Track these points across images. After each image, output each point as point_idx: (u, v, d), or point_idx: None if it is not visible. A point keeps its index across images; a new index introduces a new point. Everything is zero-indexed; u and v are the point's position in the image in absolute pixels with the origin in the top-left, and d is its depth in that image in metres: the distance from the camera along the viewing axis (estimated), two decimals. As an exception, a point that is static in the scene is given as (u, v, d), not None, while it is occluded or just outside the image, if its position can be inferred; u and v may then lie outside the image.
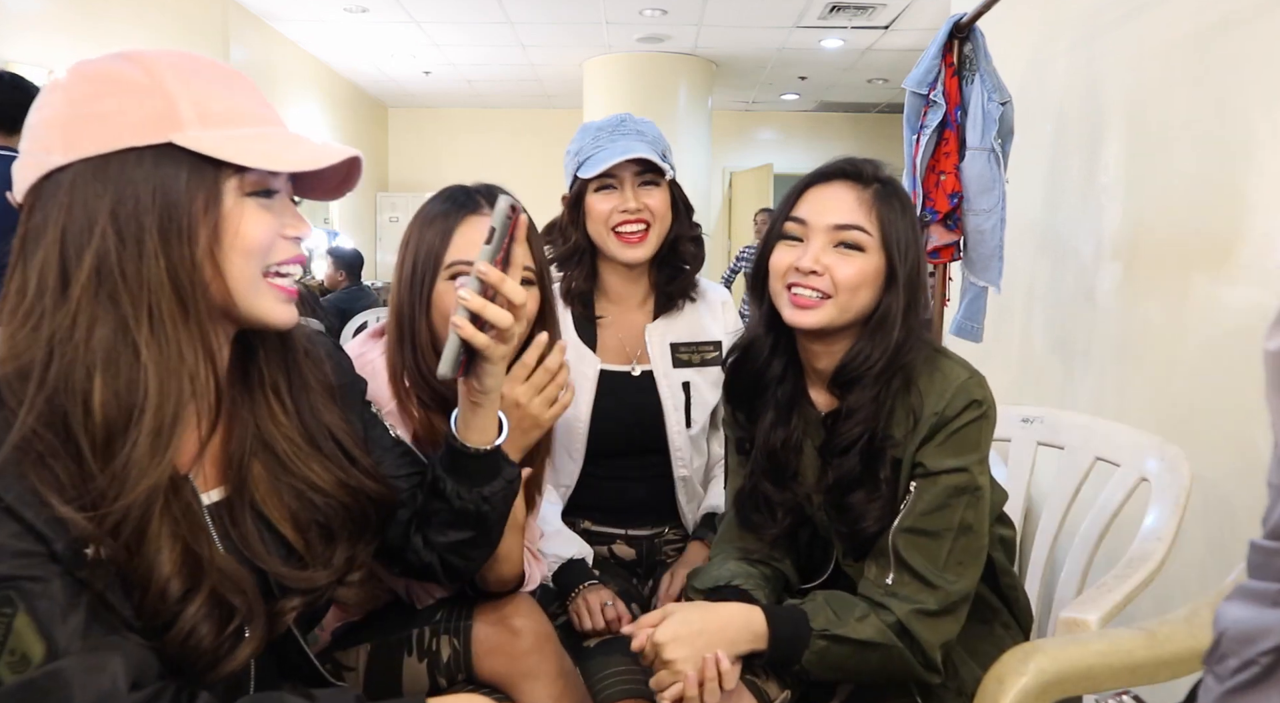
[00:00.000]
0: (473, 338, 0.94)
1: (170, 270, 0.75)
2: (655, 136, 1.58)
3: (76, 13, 4.22)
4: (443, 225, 1.24)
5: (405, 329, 1.24)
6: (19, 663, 0.68)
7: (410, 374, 1.24)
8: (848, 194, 1.17)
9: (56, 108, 0.77)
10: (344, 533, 0.94)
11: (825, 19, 6.06)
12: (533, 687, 1.17)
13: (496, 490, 1.04)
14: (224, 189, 0.77)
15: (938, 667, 1.12)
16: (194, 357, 0.77)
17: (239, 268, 0.79)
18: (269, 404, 0.90)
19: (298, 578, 0.89)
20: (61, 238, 0.74)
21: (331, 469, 0.93)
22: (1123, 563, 1.23)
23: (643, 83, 7.19)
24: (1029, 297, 2.60)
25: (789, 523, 1.27)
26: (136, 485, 0.73)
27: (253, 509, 0.88)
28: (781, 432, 1.24)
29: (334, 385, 0.98)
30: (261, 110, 0.82)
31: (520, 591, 1.27)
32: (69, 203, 0.74)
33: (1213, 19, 1.83)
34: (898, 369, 1.16)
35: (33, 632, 0.68)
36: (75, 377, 0.72)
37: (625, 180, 1.55)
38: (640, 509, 1.66)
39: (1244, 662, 0.56)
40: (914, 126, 2.27)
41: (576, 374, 1.58)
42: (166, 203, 0.75)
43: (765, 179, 8.53)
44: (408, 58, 7.40)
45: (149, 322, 0.75)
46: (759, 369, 1.26)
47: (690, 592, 1.29)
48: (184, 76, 0.78)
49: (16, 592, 0.68)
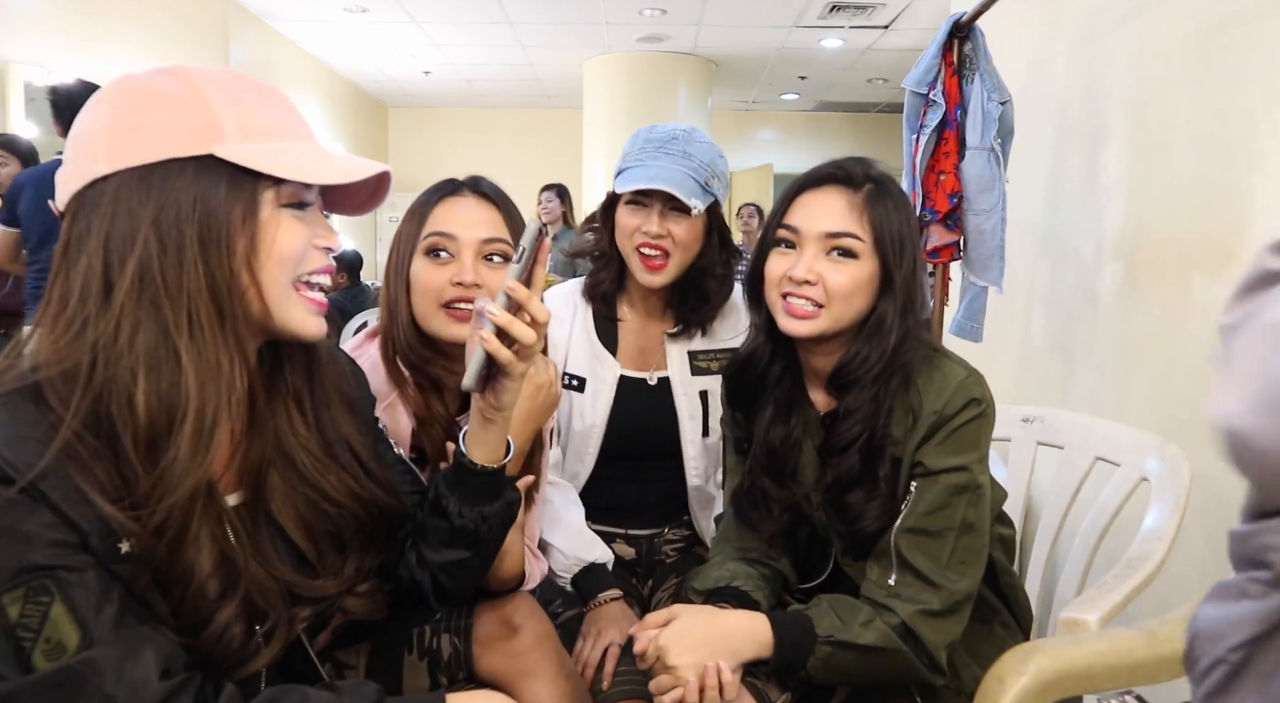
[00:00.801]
0: (497, 352, 0.95)
1: (209, 278, 0.78)
2: (704, 161, 1.49)
3: (76, 13, 4.22)
4: (421, 211, 1.28)
5: (392, 310, 1.27)
6: (54, 650, 0.70)
7: (401, 355, 1.27)
8: (839, 200, 1.17)
9: (102, 119, 0.79)
10: (355, 544, 0.96)
11: (825, 19, 6.06)
12: (533, 685, 1.17)
13: (496, 511, 1.05)
14: (261, 200, 0.80)
15: (942, 668, 1.12)
16: (229, 363, 0.80)
17: (272, 276, 0.82)
18: (290, 413, 0.92)
19: (309, 586, 0.90)
20: (105, 245, 0.76)
21: (346, 480, 0.95)
22: (1123, 563, 1.23)
23: (642, 83, 7.19)
24: (1029, 297, 2.60)
25: (786, 520, 1.27)
26: (180, 486, 0.75)
27: (267, 517, 0.90)
28: (780, 430, 1.24)
29: (353, 397, 1.01)
30: (297, 126, 0.86)
31: (520, 589, 1.27)
32: (112, 211, 0.76)
33: (1213, 19, 1.83)
34: (896, 369, 1.16)
35: (69, 620, 0.70)
36: (120, 380, 0.74)
37: (655, 203, 1.48)
38: (645, 511, 1.65)
39: (1214, 661, 0.55)
40: (914, 126, 2.27)
41: (594, 379, 1.58)
42: (206, 212, 0.78)
43: (765, 179, 8.53)
44: (408, 58, 7.40)
45: (189, 327, 0.77)
46: (759, 373, 1.27)
47: (690, 593, 1.29)
48: (225, 92, 0.81)
49: (53, 581, 0.70)
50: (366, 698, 0.81)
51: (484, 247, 1.25)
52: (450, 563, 1.05)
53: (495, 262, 1.26)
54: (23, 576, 0.69)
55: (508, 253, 1.26)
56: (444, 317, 1.24)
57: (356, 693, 0.81)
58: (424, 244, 1.26)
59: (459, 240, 1.25)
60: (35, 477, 0.70)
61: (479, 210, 1.28)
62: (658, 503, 1.65)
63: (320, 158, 0.84)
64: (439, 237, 1.25)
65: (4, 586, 0.69)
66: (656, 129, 1.53)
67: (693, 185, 1.46)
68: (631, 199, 1.51)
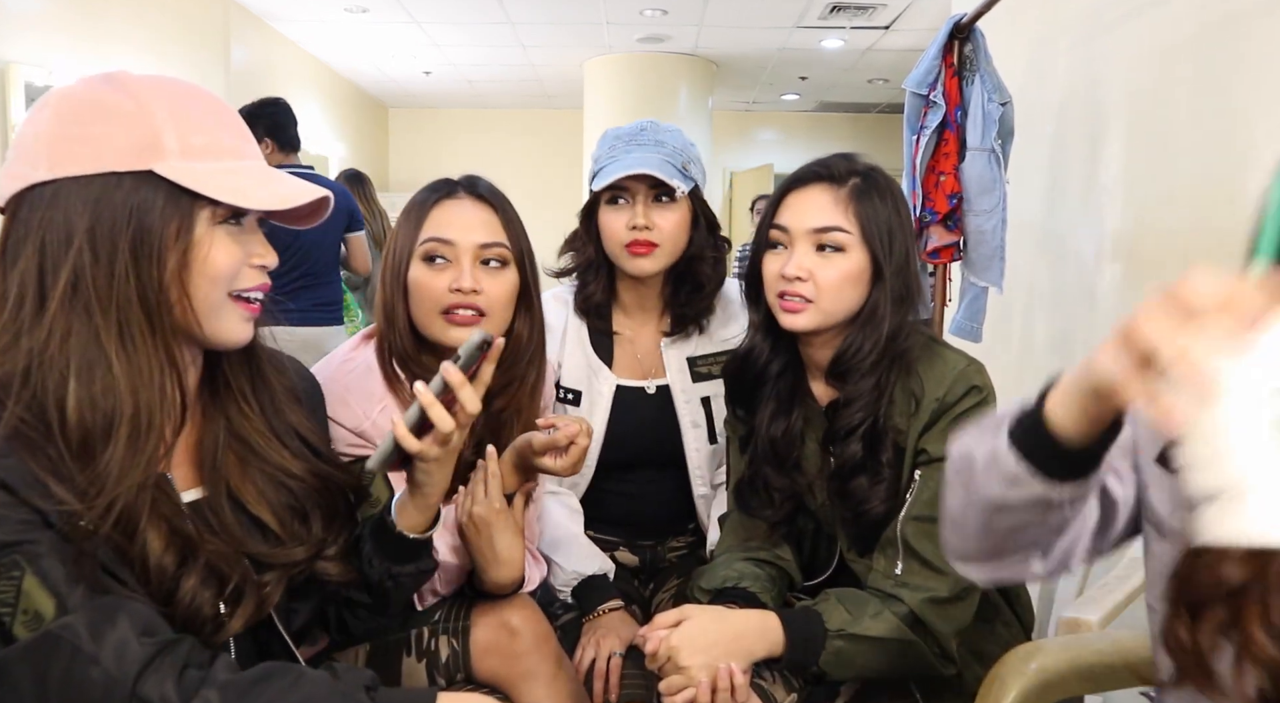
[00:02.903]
0: (403, 439, 0.96)
1: (139, 289, 0.80)
2: (677, 147, 1.48)
3: (76, 13, 4.22)
4: (418, 212, 1.27)
5: (389, 314, 1.27)
6: (33, 620, 0.73)
7: (397, 359, 1.27)
8: (823, 196, 1.19)
9: (46, 126, 0.81)
10: (317, 512, 0.97)
11: (826, 19, 6.05)
12: (531, 687, 1.17)
13: (407, 573, 1.05)
14: (197, 218, 0.82)
15: (954, 657, 1.12)
16: (159, 370, 0.81)
17: (204, 292, 0.83)
18: (238, 405, 0.94)
19: (276, 555, 0.92)
20: (40, 250, 0.79)
21: (301, 457, 0.97)
22: (1124, 563, 1.23)
23: (643, 83, 7.19)
24: (1029, 297, 2.60)
25: (788, 509, 1.28)
26: (120, 483, 0.77)
27: (230, 499, 0.92)
28: (782, 423, 1.26)
29: (297, 389, 1.03)
30: (241, 144, 0.87)
31: (520, 592, 1.27)
32: (49, 218, 0.79)
33: (1213, 19, 1.83)
34: (895, 357, 1.18)
35: (42, 591, 0.73)
36: (50, 384, 0.77)
37: (637, 195, 1.47)
38: (648, 524, 1.63)
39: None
40: (914, 127, 2.27)
41: (590, 391, 1.56)
42: (141, 227, 0.79)
43: (766, 179, 8.52)
44: (408, 58, 7.39)
45: (119, 335, 0.79)
46: (760, 369, 1.28)
47: (696, 592, 1.29)
48: (171, 107, 0.82)
49: (22, 555, 0.73)
50: (361, 680, 0.81)
51: (482, 251, 1.25)
52: (353, 602, 1.07)
53: (493, 266, 1.26)
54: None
55: (506, 257, 1.26)
56: (443, 323, 1.24)
57: (351, 675, 0.81)
58: (421, 250, 1.25)
59: (457, 246, 1.24)
60: None
61: (476, 213, 1.27)
62: (661, 515, 1.63)
63: (260, 181, 0.85)
64: (436, 243, 1.24)
65: None
66: (623, 127, 1.52)
67: (671, 170, 1.45)
68: (612, 197, 1.49)
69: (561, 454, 1.17)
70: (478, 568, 1.20)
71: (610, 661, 1.35)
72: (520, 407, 1.30)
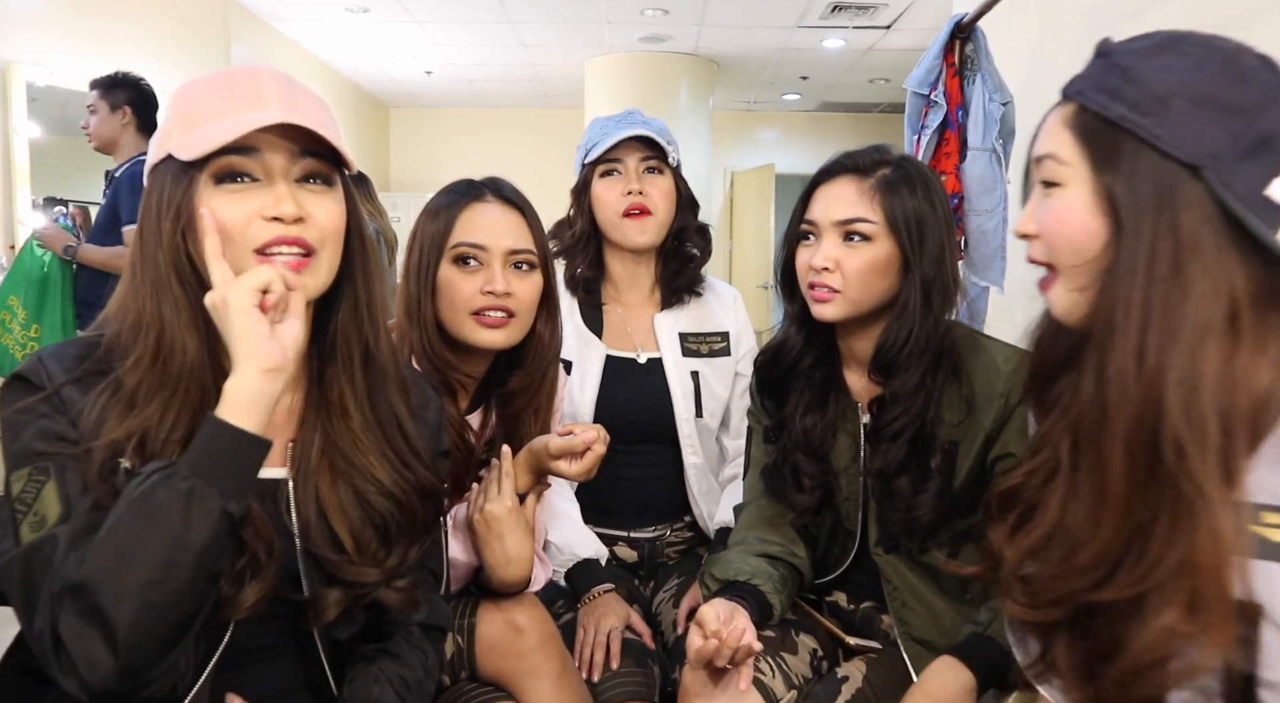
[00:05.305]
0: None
1: (171, 252, 0.88)
2: (660, 128, 1.61)
3: (76, 13, 4.22)
4: (447, 214, 1.29)
5: (414, 314, 1.28)
6: (38, 523, 0.79)
7: (418, 357, 1.28)
8: (849, 188, 1.21)
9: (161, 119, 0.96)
10: (401, 537, 0.96)
11: (827, 19, 6.06)
12: (535, 685, 1.18)
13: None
14: (196, 182, 0.88)
15: None
16: (195, 340, 0.87)
17: (228, 253, 0.87)
18: (343, 387, 0.95)
19: (348, 569, 0.91)
20: (141, 224, 0.91)
21: (390, 459, 0.96)
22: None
23: (644, 83, 7.19)
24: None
25: (817, 496, 1.29)
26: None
27: (315, 502, 0.93)
28: (814, 416, 1.28)
29: (406, 380, 1.03)
30: (230, 104, 0.89)
31: (525, 591, 1.27)
32: (143, 199, 0.92)
33: (1213, 19, 1.83)
34: (941, 354, 1.18)
35: (55, 497, 0.80)
36: (148, 331, 0.87)
37: (629, 165, 1.59)
38: (644, 509, 1.65)
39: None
40: (915, 127, 2.27)
41: (581, 361, 1.59)
42: (164, 201, 0.89)
43: (767, 179, 8.52)
44: (409, 58, 7.40)
45: (163, 296, 0.88)
46: (792, 361, 1.30)
47: (707, 580, 1.31)
48: (188, 90, 0.92)
49: (53, 463, 0.81)
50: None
51: (512, 256, 1.28)
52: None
53: (523, 269, 1.29)
54: (32, 458, 0.81)
55: (534, 261, 1.30)
56: (473, 323, 1.26)
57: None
58: (453, 252, 1.27)
59: (489, 251, 1.27)
60: (60, 386, 0.83)
61: (506, 218, 1.30)
62: (658, 499, 1.65)
63: (226, 127, 0.86)
64: (469, 247, 1.27)
65: (18, 464, 0.81)
66: (609, 116, 1.64)
67: (661, 140, 1.58)
68: (606, 170, 1.60)
69: (577, 459, 1.18)
70: (486, 566, 1.21)
71: (610, 635, 1.37)
72: (538, 407, 1.32)
